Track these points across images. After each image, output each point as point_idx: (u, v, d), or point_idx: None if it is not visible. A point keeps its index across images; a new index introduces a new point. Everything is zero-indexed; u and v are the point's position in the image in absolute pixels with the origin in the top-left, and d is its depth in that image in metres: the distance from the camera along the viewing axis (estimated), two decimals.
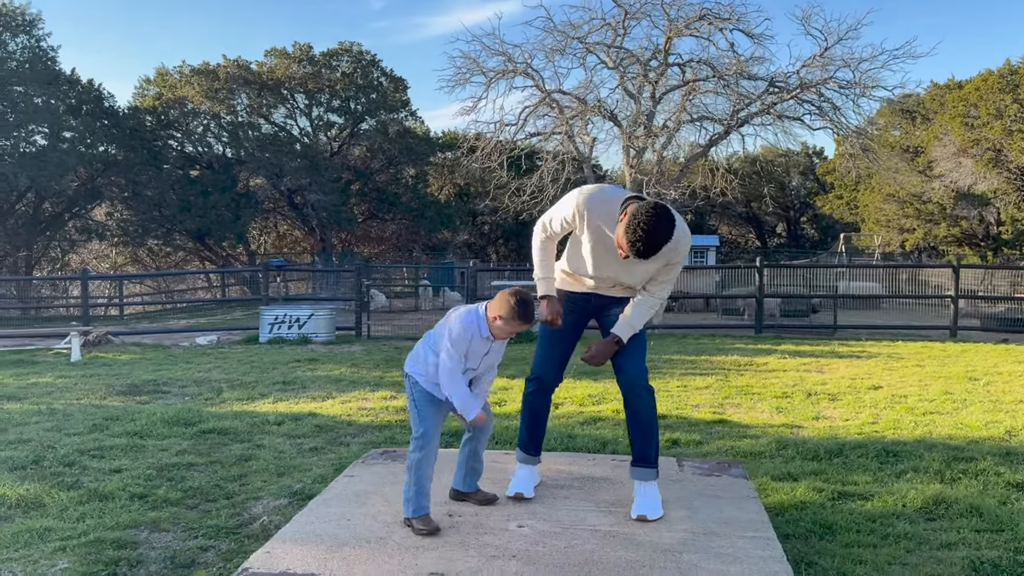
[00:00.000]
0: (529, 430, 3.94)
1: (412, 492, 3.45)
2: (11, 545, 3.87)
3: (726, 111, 17.40)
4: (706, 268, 25.57)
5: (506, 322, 3.42)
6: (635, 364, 3.70)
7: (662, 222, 3.25)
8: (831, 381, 9.25)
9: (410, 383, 3.59)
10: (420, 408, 3.54)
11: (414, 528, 3.40)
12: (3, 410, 7.50)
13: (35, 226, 31.85)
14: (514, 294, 3.46)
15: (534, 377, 3.89)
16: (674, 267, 3.65)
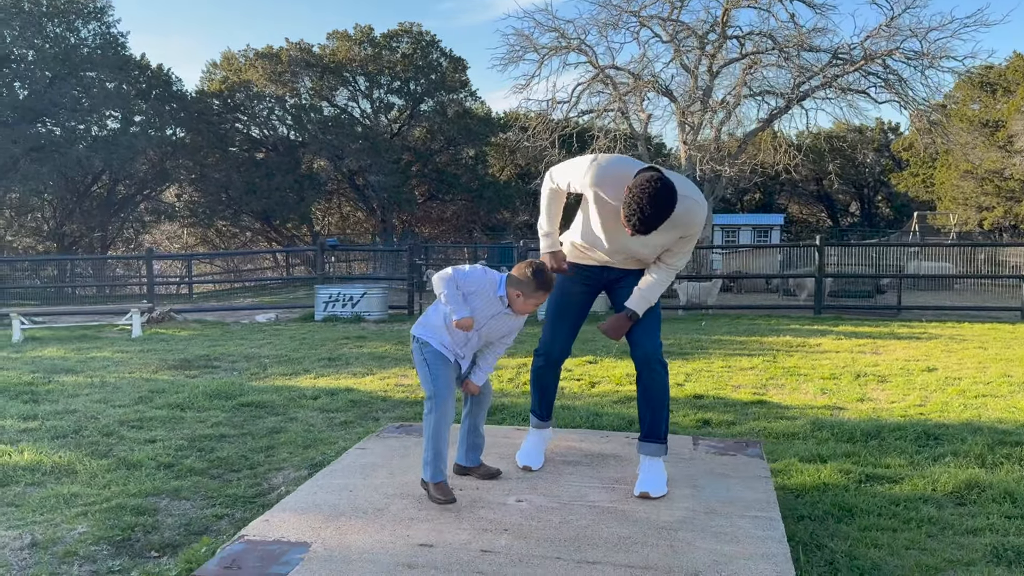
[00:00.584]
0: (539, 399, 3.96)
1: (430, 455, 3.41)
2: (38, 509, 4.02)
3: (787, 85, 16.88)
4: (764, 247, 24.95)
5: (527, 296, 3.39)
6: (650, 338, 3.61)
7: (660, 197, 3.12)
8: (884, 363, 8.94)
9: (419, 345, 3.53)
10: (432, 367, 3.46)
11: (430, 493, 3.39)
12: (58, 382, 7.80)
13: (109, 207, 33.04)
14: (528, 265, 3.41)
15: (542, 352, 3.85)
16: (690, 239, 3.53)
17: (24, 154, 24.96)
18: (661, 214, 3.16)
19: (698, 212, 3.41)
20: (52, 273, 28.74)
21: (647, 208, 3.12)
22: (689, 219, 3.41)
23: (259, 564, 2.85)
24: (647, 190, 3.13)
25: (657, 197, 3.13)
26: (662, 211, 3.16)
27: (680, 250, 3.56)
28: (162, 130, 30.51)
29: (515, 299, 3.42)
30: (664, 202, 3.15)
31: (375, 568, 2.80)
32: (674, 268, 3.58)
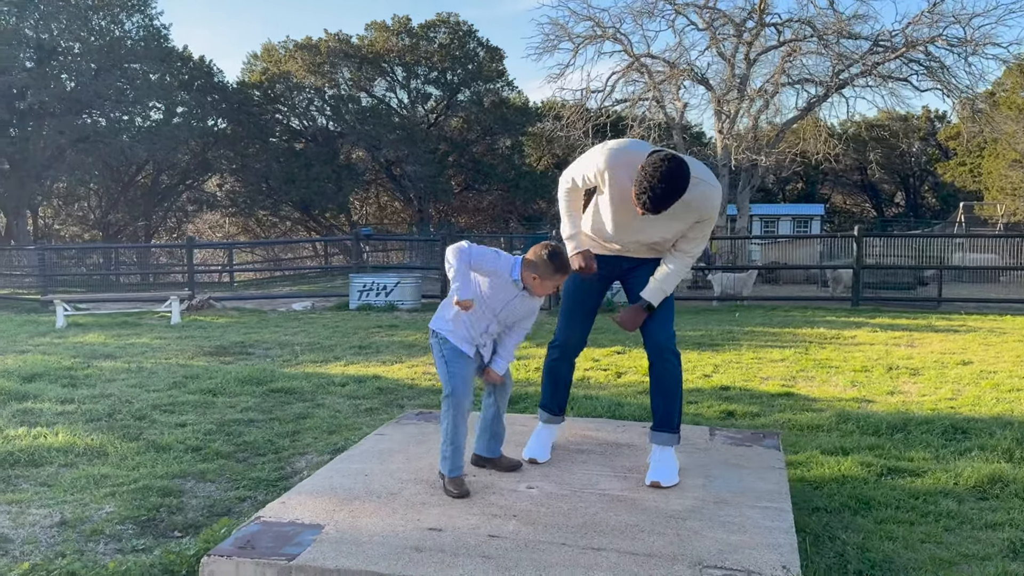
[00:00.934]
0: (552, 393, 3.92)
1: (449, 451, 3.41)
2: (69, 489, 4.16)
3: (826, 73, 16.60)
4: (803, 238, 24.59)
5: (544, 278, 3.35)
6: (663, 328, 3.61)
7: (673, 175, 3.10)
8: (918, 356, 8.80)
9: (438, 340, 3.52)
10: (450, 364, 3.45)
11: (445, 487, 3.39)
12: (97, 367, 8.01)
13: (153, 197, 33.74)
14: (545, 247, 3.37)
15: (558, 344, 3.84)
16: (706, 224, 3.49)
17: (70, 144, 25.57)
18: (672, 192, 3.13)
19: (713, 196, 3.39)
20: (98, 261, 29.43)
21: (658, 185, 3.09)
22: (704, 203, 3.38)
23: (272, 544, 2.93)
24: (659, 168, 3.11)
25: (668, 175, 3.10)
26: (673, 189, 3.13)
27: (696, 236, 3.53)
28: (204, 121, 31.02)
29: (531, 281, 3.39)
30: (675, 180, 3.12)
31: (384, 550, 2.86)
32: (690, 256, 3.56)
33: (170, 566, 3.11)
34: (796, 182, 45.22)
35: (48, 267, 21.60)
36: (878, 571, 3.13)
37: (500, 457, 3.74)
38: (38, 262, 20.60)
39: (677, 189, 3.14)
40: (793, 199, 42.69)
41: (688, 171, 3.19)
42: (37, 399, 6.26)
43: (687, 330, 11.19)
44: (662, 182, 3.09)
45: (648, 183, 3.11)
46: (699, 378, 7.46)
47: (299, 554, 2.84)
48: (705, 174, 3.37)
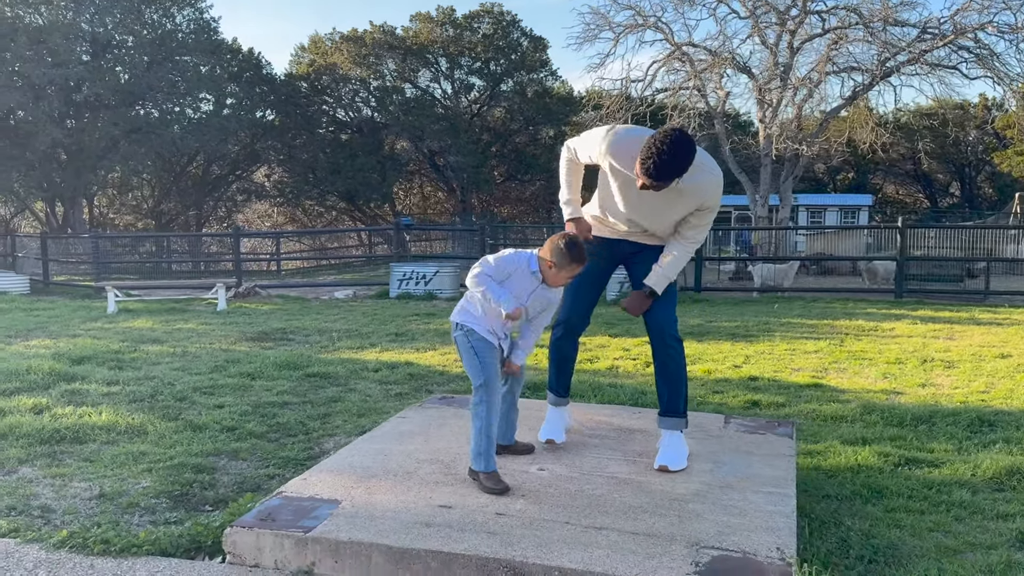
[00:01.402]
0: (558, 374, 4.00)
1: (484, 446, 3.37)
2: (109, 465, 4.39)
3: (872, 61, 16.32)
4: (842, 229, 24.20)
5: (561, 267, 3.39)
6: (665, 315, 3.68)
7: (678, 146, 3.15)
8: (956, 348, 8.68)
9: (463, 332, 3.53)
10: (480, 354, 3.46)
11: (482, 484, 3.35)
12: (143, 351, 8.32)
13: (204, 187, 34.52)
14: (562, 237, 3.42)
15: (561, 321, 3.91)
16: (708, 212, 3.55)
17: (124, 136, 26.30)
18: (676, 163, 3.17)
19: (714, 184, 3.44)
20: (150, 249, 30.25)
21: (664, 153, 3.14)
22: (705, 190, 3.44)
23: (291, 517, 3.09)
24: (665, 138, 3.17)
25: (674, 144, 3.16)
26: (678, 161, 3.17)
27: (698, 223, 3.58)
28: (252, 112, 31.63)
29: (548, 271, 3.44)
30: (681, 150, 3.16)
31: (394, 525, 3.00)
32: (693, 242, 3.62)
33: (197, 537, 3.29)
34: (847, 172, 44.39)
35: (101, 255, 22.28)
36: (881, 557, 3.17)
37: (515, 443, 3.84)
38: (92, 250, 21.25)
39: (681, 162, 3.19)
40: (844, 189, 41.97)
41: (694, 148, 3.24)
42: (85, 380, 6.55)
43: (722, 321, 11.17)
44: (668, 152, 3.14)
45: (655, 150, 3.15)
46: (728, 368, 7.49)
47: (315, 527, 2.99)
48: (708, 162, 3.44)
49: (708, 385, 6.73)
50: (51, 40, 24.08)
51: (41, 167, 25.37)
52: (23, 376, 6.51)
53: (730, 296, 15.63)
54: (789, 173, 17.24)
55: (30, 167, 25.17)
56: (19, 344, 8.84)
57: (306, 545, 2.93)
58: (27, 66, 24.06)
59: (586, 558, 2.72)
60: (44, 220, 30.38)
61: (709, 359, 8.02)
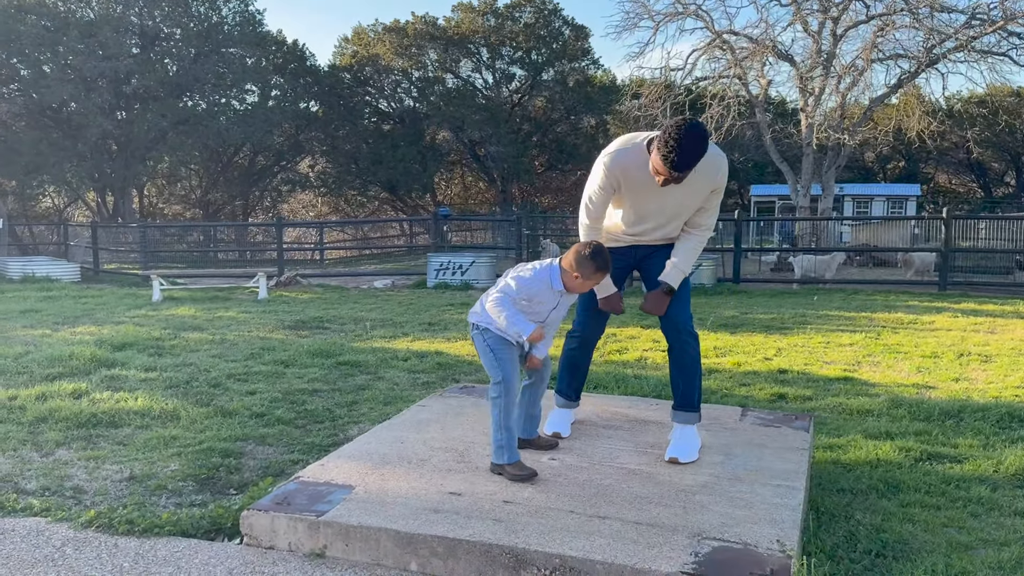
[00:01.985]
0: (569, 380, 4.02)
1: (505, 439, 3.43)
2: (142, 448, 4.55)
3: (918, 48, 15.96)
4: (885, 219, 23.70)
5: (585, 277, 3.41)
6: (680, 310, 3.70)
7: (694, 134, 3.20)
8: (996, 342, 8.51)
9: (479, 332, 3.60)
10: (497, 353, 3.52)
11: (507, 474, 3.41)
12: (183, 338, 8.55)
13: (250, 177, 35.10)
14: (588, 246, 3.43)
15: (576, 335, 3.93)
16: (719, 193, 3.60)
17: (172, 127, 26.85)
18: (697, 149, 3.22)
19: (723, 163, 3.51)
20: (198, 238, 30.89)
21: (684, 142, 3.18)
22: (717, 170, 3.48)
23: (306, 501, 3.19)
24: (681, 127, 3.20)
25: (691, 133, 3.20)
26: (698, 145, 3.22)
27: (710, 207, 3.62)
28: (296, 103, 32.03)
29: (572, 281, 3.45)
30: (699, 138, 3.22)
31: (404, 511, 3.08)
32: (706, 229, 3.63)
33: (218, 519, 3.41)
34: (897, 161, 43.41)
35: (149, 244, 22.83)
36: (889, 551, 3.17)
37: (537, 437, 3.87)
38: (139, 239, 21.78)
39: (700, 147, 3.23)
40: (894, 179, 41.07)
41: (706, 131, 3.30)
42: (124, 366, 6.76)
43: (757, 313, 11.08)
44: (687, 141, 3.19)
45: (674, 143, 3.18)
46: (759, 361, 7.44)
47: (327, 511, 3.09)
48: (712, 147, 3.48)
49: (736, 378, 6.71)
50: (101, 33, 24.67)
51: (92, 158, 26.06)
52: (66, 362, 6.76)
53: (769, 288, 15.46)
54: (832, 163, 16.96)
55: (82, 158, 25.87)
56: (66, 331, 9.14)
57: (318, 529, 3.03)
58: (79, 59, 24.69)
59: (587, 546, 2.77)
60: (95, 210, 31.20)
61: (740, 351, 7.97)
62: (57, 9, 25.44)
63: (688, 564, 2.64)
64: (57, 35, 24.19)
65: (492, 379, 3.53)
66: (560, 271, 3.48)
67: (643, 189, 3.56)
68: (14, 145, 24.86)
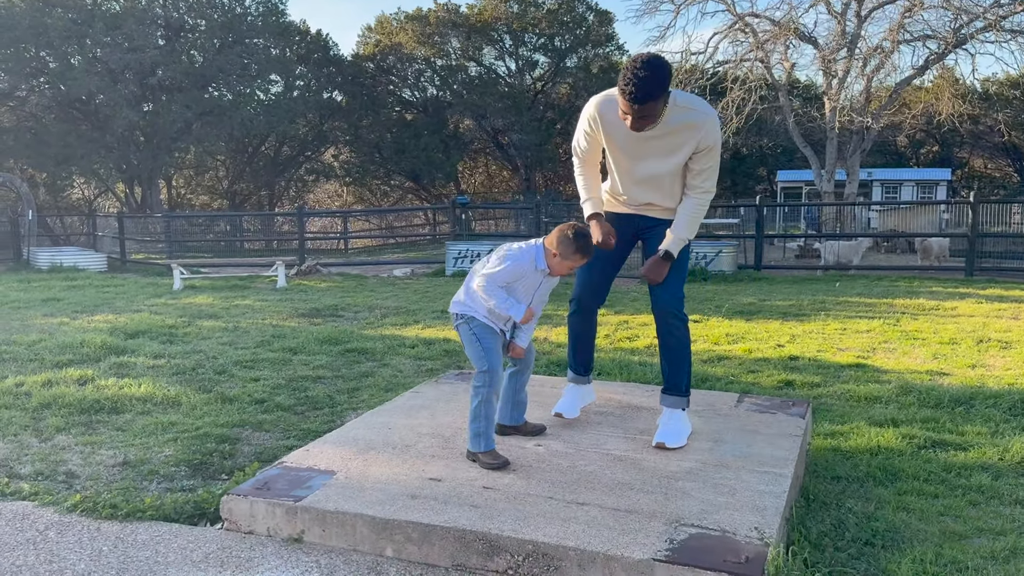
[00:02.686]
0: (574, 351, 3.99)
1: (483, 426, 3.40)
2: (139, 434, 4.58)
3: (946, 29, 15.59)
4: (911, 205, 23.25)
5: (564, 257, 3.37)
6: (670, 292, 3.63)
7: (649, 63, 3.15)
8: (1018, 328, 8.30)
9: (464, 321, 3.55)
10: (484, 342, 3.49)
11: (481, 462, 3.39)
12: (197, 326, 8.62)
13: (275, 167, 35.33)
14: (570, 227, 3.39)
15: (574, 298, 3.89)
16: (706, 153, 3.46)
17: (197, 117, 27.07)
18: (654, 78, 3.14)
19: (706, 117, 3.39)
20: (224, 228, 31.17)
21: (639, 71, 3.13)
22: (699, 123, 3.38)
23: (286, 486, 3.18)
24: (637, 60, 3.19)
25: (646, 62, 3.16)
26: (655, 75, 3.14)
27: (703, 168, 3.50)
28: (320, 93, 32.14)
29: (552, 260, 3.42)
30: (655, 67, 3.15)
31: (381, 496, 3.05)
32: (705, 192, 3.52)
33: (202, 504, 3.41)
34: (930, 145, 42.63)
35: (175, 234, 23.07)
36: (879, 540, 3.08)
37: (524, 423, 3.82)
38: (163, 229, 22.01)
39: (657, 75, 3.15)
40: (927, 163, 40.34)
41: (668, 65, 3.24)
42: (134, 354, 6.83)
43: (776, 300, 10.93)
44: (642, 69, 3.13)
45: (631, 73, 3.15)
46: (770, 348, 7.33)
47: (306, 497, 3.07)
48: (698, 102, 3.41)
49: (745, 365, 6.61)
50: (126, 26, 24.91)
51: (119, 149, 26.36)
52: (77, 349, 6.83)
53: (792, 275, 15.25)
54: (857, 147, 16.66)
55: (109, 149, 26.18)
56: (83, 319, 9.25)
57: (295, 514, 3.01)
58: (105, 51, 24.98)
59: (561, 532, 2.73)
60: (124, 200, 31.60)
61: (753, 338, 7.86)
62: (83, 2, 25.72)
63: (661, 551, 2.59)
64: (83, 28, 24.47)
65: (478, 368, 3.49)
66: (544, 250, 3.42)
67: (619, 138, 3.50)
68: (44, 137, 25.24)
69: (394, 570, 2.82)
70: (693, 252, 14.39)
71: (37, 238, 21.93)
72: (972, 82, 19.49)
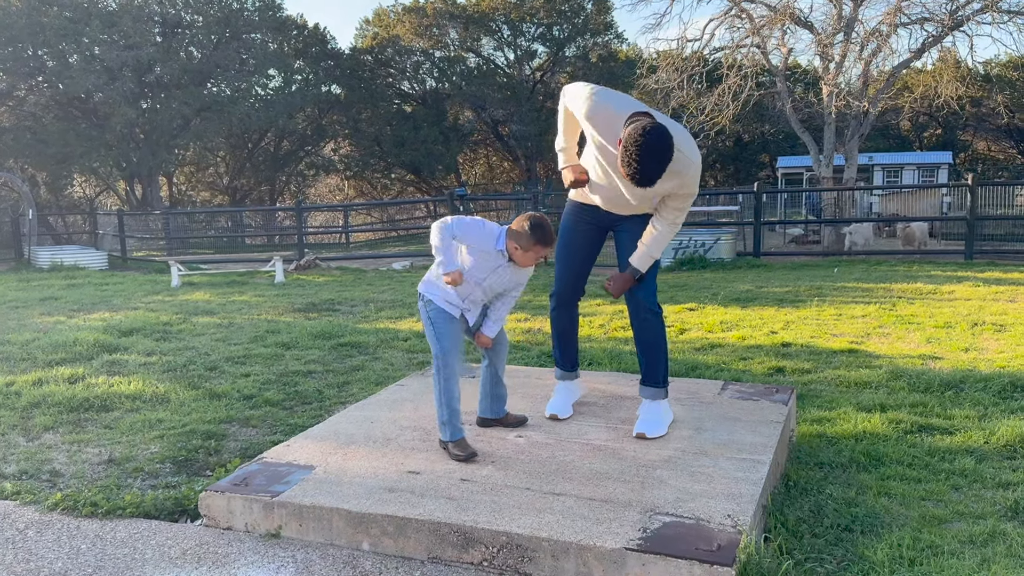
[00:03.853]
0: (558, 346, 3.95)
1: (446, 415, 3.40)
2: (127, 431, 4.59)
3: (942, 11, 15.49)
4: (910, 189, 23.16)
5: (525, 249, 3.35)
6: (644, 287, 3.60)
7: (655, 150, 3.04)
8: (1014, 311, 8.27)
9: (423, 303, 3.55)
10: (437, 326, 3.48)
11: (450, 452, 3.38)
12: (192, 323, 8.63)
13: (275, 162, 35.31)
14: (528, 218, 3.36)
15: (554, 293, 3.86)
16: (683, 198, 3.44)
17: (195, 114, 27.05)
18: (658, 165, 3.07)
19: (690, 168, 3.32)
20: (226, 224, 31.19)
21: (646, 160, 3.04)
22: (682, 173, 3.32)
23: (264, 482, 3.18)
24: (639, 142, 3.04)
25: (651, 148, 3.04)
26: (659, 162, 3.07)
27: (677, 207, 3.47)
28: (318, 87, 32.06)
29: (514, 252, 3.39)
30: (660, 150, 3.05)
31: (359, 491, 3.05)
32: (675, 224, 3.49)
33: (182, 500, 3.42)
34: (934, 128, 42.41)
35: (175, 230, 23.09)
36: (858, 525, 3.08)
37: (505, 416, 3.80)
38: (164, 226, 22.03)
39: (662, 161, 3.08)
40: (931, 146, 40.13)
41: (671, 139, 3.11)
42: (127, 351, 6.84)
43: (773, 286, 10.90)
44: (649, 157, 3.04)
45: (636, 159, 3.04)
46: (764, 335, 7.31)
47: (283, 492, 3.07)
48: (686, 147, 3.29)
49: (738, 352, 6.59)
50: (123, 23, 24.88)
51: (118, 146, 26.36)
52: (69, 347, 6.85)
53: (791, 260, 15.20)
54: (855, 132, 16.59)
55: (108, 147, 26.18)
56: (80, 317, 9.27)
57: (272, 509, 3.02)
58: (102, 49, 24.94)
59: (536, 523, 2.72)
60: (124, 198, 31.64)
61: (747, 325, 7.84)
62: (79, 0, 25.69)
63: (634, 540, 2.58)
64: (80, 26, 24.44)
65: (433, 352, 3.48)
66: (507, 234, 3.40)
67: (602, 162, 3.45)
68: (43, 136, 25.25)
69: (370, 563, 2.82)
70: (692, 240, 14.36)
71: (39, 237, 21.97)
72: (973, 64, 19.28)
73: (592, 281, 11.62)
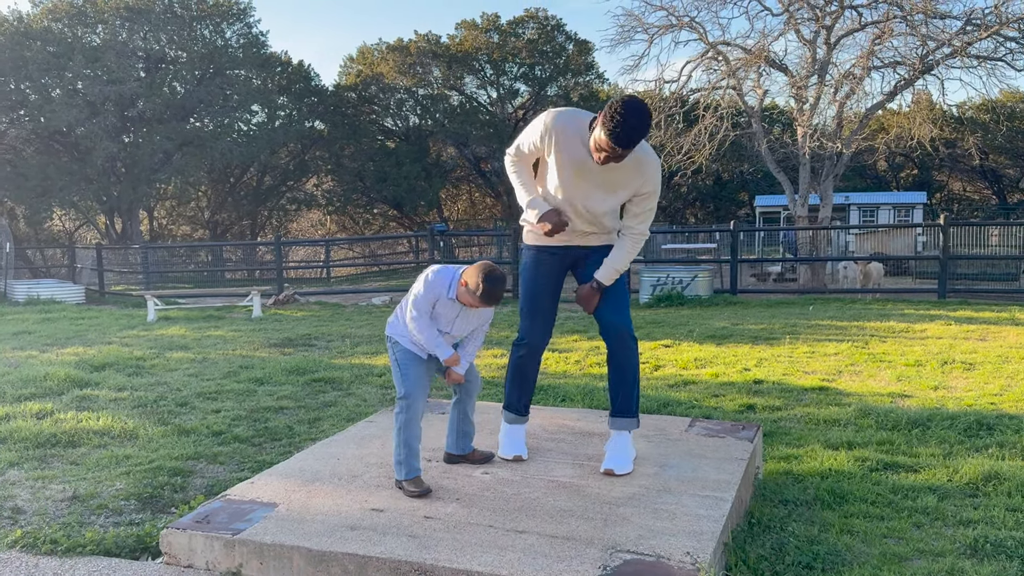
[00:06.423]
0: (518, 391, 3.87)
1: (403, 455, 3.42)
2: (93, 468, 4.54)
3: (913, 56, 15.87)
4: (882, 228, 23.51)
5: (470, 295, 3.35)
6: (620, 314, 3.63)
7: (637, 110, 3.18)
8: (983, 350, 8.38)
9: (391, 344, 3.60)
10: (403, 368, 3.52)
11: (405, 490, 3.39)
12: (165, 358, 8.57)
13: (257, 197, 35.31)
14: (484, 269, 3.34)
15: (524, 342, 3.79)
16: (646, 198, 3.53)
17: (177, 148, 27.08)
18: (641, 125, 3.19)
19: (653, 162, 3.48)
20: (205, 258, 31.07)
21: (630, 118, 3.15)
22: (646, 168, 3.45)
23: (226, 520, 3.16)
24: (626, 102, 3.19)
25: (636, 108, 3.18)
26: (642, 122, 3.19)
27: (641, 212, 3.56)
28: (302, 123, 32.20)
29: (463, 295, 3.40)
30: (643, 112, 3.19)
31: (320, 528, 3.04)
32: (640, 234, 3.56)
33: (144, 538, 3.39)
34: (910, 168, 43.17)
35: (154, 265, 22.96)
36: (819, 563, 3.10)
37: (472, 452, 3.81)
38: (142, 260, 21.93)
39: (645, 123, 3.21)
40: (907, 186, 40.80)
41: (648, 109, 3.27)
42: (98, 387, 6.78)
43: (748, 323, 10.99)
44: (634, 116, 3.16)
45: (620, 117, 3.16)
46: (737, 372, 7.36)
47: (244, 530, 3.06)
48: (648, 147, 3.47)
49: (710, 389, 6.63)
50: (106, 58, 24.96)
51: (99, 180, 26.29)
52: (39, 383, 6.78)
53: (767, 298, 15.34)
54: (829, 172, 16.86)
55: (89, 181, 26.10)
56: (53, 352, 9.19)
57: (233, 547, 3.00)
58: (85, 84, 24.99)
59: (497, 561, 2.72)
60: (104, 232, 31.48)
61: (720, 362, 7.89)
62: (63, 35, 25.79)
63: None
64: (63, 60, 24.50)
65: (397, 393, 3.52)
66: (459, 282, 3.43)
67: (570, 162, 3.49)
68: (23, 170, 25.15)
69: None
70: (669, 276, 14.47)
71: (16, 271, 21.79)
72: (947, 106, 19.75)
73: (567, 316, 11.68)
